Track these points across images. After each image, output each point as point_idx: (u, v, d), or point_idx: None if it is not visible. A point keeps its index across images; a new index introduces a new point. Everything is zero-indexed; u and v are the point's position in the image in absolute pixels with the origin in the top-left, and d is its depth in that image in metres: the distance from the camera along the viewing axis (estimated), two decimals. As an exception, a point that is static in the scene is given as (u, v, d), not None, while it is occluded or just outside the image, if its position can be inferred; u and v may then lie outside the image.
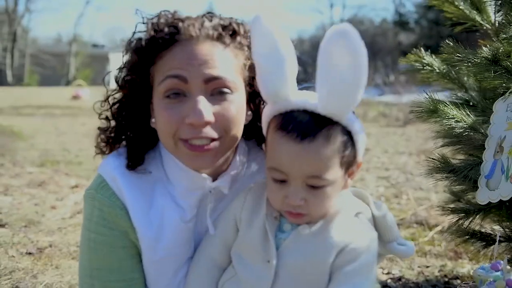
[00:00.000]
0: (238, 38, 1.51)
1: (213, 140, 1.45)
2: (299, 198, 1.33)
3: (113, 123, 1.61)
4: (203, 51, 1.43)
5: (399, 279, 3.55)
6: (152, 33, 1.47)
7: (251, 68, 1.54)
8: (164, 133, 1.48)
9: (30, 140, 10.54)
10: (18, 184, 6.39)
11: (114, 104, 1.60)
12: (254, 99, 1.60)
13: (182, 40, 1.44)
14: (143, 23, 1.52)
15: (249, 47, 1.53)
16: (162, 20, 1.48)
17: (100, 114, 1.62)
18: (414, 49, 2.60)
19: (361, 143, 1.40)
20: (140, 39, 1.50)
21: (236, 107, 1.47)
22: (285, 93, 1.34)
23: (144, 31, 1.50)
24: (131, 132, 1.60)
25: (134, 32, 1.52)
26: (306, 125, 1.30)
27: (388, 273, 3.65)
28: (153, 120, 1.55)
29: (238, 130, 1.51)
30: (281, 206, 1.38)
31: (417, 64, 2.53)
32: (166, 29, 1.45)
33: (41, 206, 5.37)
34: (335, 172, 1.33)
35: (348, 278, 1.36)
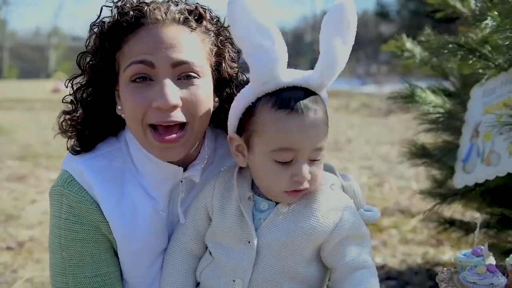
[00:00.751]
0: (204, 23, 1.49)
1: (181, 128, 1.43)
2: (307, 173, 1.35)
3: (77, 107, 1.57)
4: (170, 35, 1.41)
5: (382, 267, 3.58)
6: (117, 16, 1.44)
7: (218, 54, 1.53)
8: (131, 119, 1.45)
9: (10, 134, 10.38)
10: (-2, 178, 6.30)
11: (78, 89, 1.56)
12: (221, 86, 1.59)
13: (147, 24, 1.41)
14: (108, 6, 1.48)
15: (215, 33, 1.53)
16: (127, 4, 1.45)
17: (63, 98, 1.58)
18: (396, 35, 2.60)
19: None
20: (104, 22, 1.47)
21: (204, 92, 1.45)
22: (277, 71, 1.33)
23: (110, 16, 1.47)
24: (93, 117, 1.55)
25: (99, 16, 1.49)
26: (306, 100, 1.33)
27: (370, 261, 3.67)
28: (119, 107, 1.52)
29: (206, 115, 1.48)
30: (287, 187, 1.36)
31: (398, 51, 2.54)
32: (131, 13, 1.41)
33: (21, 200, 5.30)
34: (326, 144, 1.39)
35: (349, 250, 1.40)
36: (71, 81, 1.57)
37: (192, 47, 1.44)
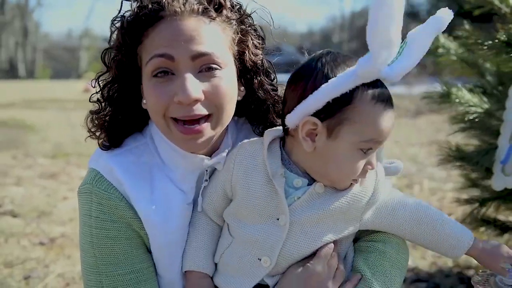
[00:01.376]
0: (225, 12, 1.46)
1: (205, 118, 1.42)
2: (375, 165, 1.42)
3: (104, 105, 1.56)
4: (189, 27, 1.38)
5: (412, 269, 3.52)
6: (137, 10, 1.42)
7: (240, 43, 1.50)
8: (154, 113, 1.44)
9: (42, 133, 10.62)
10: (30, 175, 6.44)
11: (104, 86, 1.55)
12: (245, 75, 1.55)
13: (166, 16, 1.39)
14: (128, 0, 1.46)
15: (237, 21, 1.49)
16: None
17: (90, 97, 1.57)
18: None
19: None
20: (124, 17, 1.45)
21: (226, 83, 1.43)
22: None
23: (130, 10, 1.45)
24: (121, 115, 1.54)
25: (119, 11, 1.47)
26: (389, 95, 1.38)
27: (400, 263, 3.62)
28: (144, 101, 1.51)
29: (230, 106, 1.47)
30: (359, 175, 1.40)
31: (432, 47, 2.48)
32: (150, 6, 1.40)
33: (53, 197, 5.40)
34: None
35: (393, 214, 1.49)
36: (97, 80, 1.56)
37: (213, 37, 1.41)
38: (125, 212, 1.48)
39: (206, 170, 1.55)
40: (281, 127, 1.49)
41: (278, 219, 1.40)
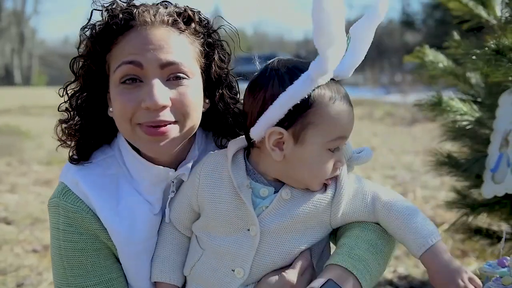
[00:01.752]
0: (193, 25, 1.51)
1: (171, 124, 1.45)
2: (344, 162, 1.46)
3: (73, 114, 1.58)
4: (158, 36, 1.43)
5: (405, 277, 3.53)
6: (107, 19, 1.46)
7: (207, 56, 1.55)
8: (121, 119, 1.46)
9: (37, 139, 10.60)
10: (25, 182, 6.43)
11: (72, 95, 1.58)
12: (211, 88, 1.59)
13: (137, 26, 1.43)
14: (99, 10, 1.50)
15: (204, 35, 1.55)
16: (117, 7, 1.48)
17: (59, 106, 1.59)
18: (419, 47, 2.59)
19: None
20: (94, 25, 1.49)
21: (193, 92, 1.47)
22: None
23: (100, 20, 1.49)
24: (88, 123, 1.57)
25: (89, 19, 1.51)
26: (345, 92, 1.42)
27: (394, 271, 3.63)
28: (110, 109, 1.53)
29: (195, 115, 1.50)
30: (331, 174, 1.42)
31: (421, 61, 2.52)
32: (120, 15, 1.44)
33: (47, 204, 5.37)
34: None
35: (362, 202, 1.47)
36: (65, 89, 1.58)
37: (181, 48, 1.46)
38: (92, 224, 1.51)
39: (172, 182, 1.57)
40: (243, 137, 1.51)
41: (248, 230, 1.41)
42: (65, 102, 1.59)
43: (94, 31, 1.48)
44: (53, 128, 1.60)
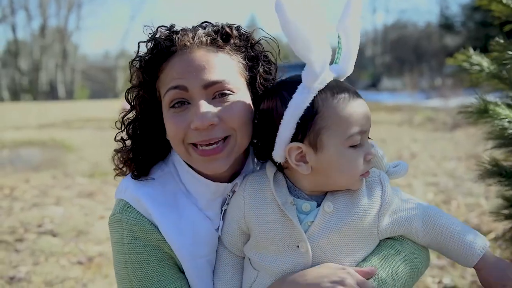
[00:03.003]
0: (232, 40, 1.55)
1: (223, 140, 1.48)
2: (371, 148, 1.45)
3: (128, 143, 1.65)
4: (199, 58, 1.47)
5: (452, 288, 3.42)
6: (151, 49, 1.53)
7: (251, 69, 1.58)
8: (174, 141, 1.52)
9: (80, 152, 10.89)
10: (69, 195, 6.60)
11: (129, 124, 1.64)
12: (259, 100, 1.58)
13: (178, 51, 1.50)
14: (144, 42, 1.57)
15: (246, 49, 1.58)
16: (160, 36, 1.54)
17: (115, 137, 1.66)
18: (462, 49, 2.52)
19: None
20: (141, 57, 1.56)
21: (240, 106, 1.50)
22: (327, 66, 1.39)
23: (146, 52, 1.56)
24: (147, 148, 1.62)
25: (137, 52, 1.58)
26: (350, 85, 1.44)
27: (439, 282, 3.53)
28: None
29: (246, 128, 1.52)
30: (363, 169, 1.42)
31: (465, 64, 2.44)
32: (162, 43, 1.51)
33: (91, 216, 5.51)
34: None
35: (405, 220, 1.49)
36: (123, 120, 1.65)
37: (222, 65, 1.50)
38: (155, 235, 1.54)
39: (229, 195, 1.60)
40: None
41: (298, 246, 1.42)
42: (121, 131, 1.65)
43: (142, 62, 1.56)
44: (94, 141, 1.66)
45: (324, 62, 1.34)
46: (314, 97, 1.36)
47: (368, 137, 1.45)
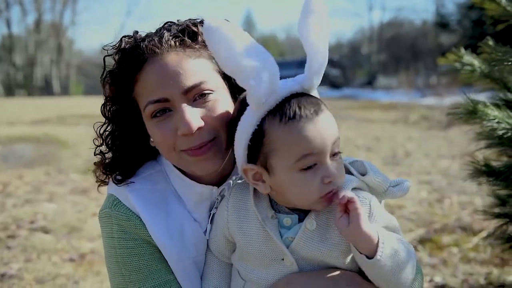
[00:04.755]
0: (199, 38, 1.52)
1: (211, 142, 1.47)
2: (335, 169, 1.32)
3: (108, 155, 1.63)
4: (172, 64, 1.45)
5: (442, 287, 3.44)
6: (120, 61, 1.51)
7: None
8: (164, 150, 1.51)
9: (74, 148, 10.86)
10: (62, 191, 6.58)
11: (107, 137, 1.62)
12: (237, 91, 1.56)
13: (149, 59, 1.47)
14: (109, 55, 1.55)
15: None
16: (126, 46, 1.51)
17: (94, 151, 1.64)
18: (454, 48, 2.52)
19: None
20: (111, 71, 1.54)
21: (222, 104, 1.49)
22: (274, 86, 1.30)
23: (114, 64, 1.54)
24: (131, 155, 1.61)
25: (104, 67, 1.56)
26: (308, 103, 1.31)
27: (430, 281, 3.54)
28: (151, 139, 1.57)
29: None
30: (321, 191, 1.31)
31: (456, 64, 2.45)
32: (130, 54, 1.48)
33: (84, 212, 5.50)
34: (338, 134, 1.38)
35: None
36: (99, 132, 1.63)
37: (196, 66, 1.48)
38: (144, 231, 1.55)
39: (217, 199, 1.59)
40: None
41: (283, 259, 1.40)
42: (100, 145, 1.63)
43: (113, 75, 1.53)
44: (89, 137, 1.64)
45: (268, 83, 1.28)
46: (263, 118, 1.31)
47: (336, 155, 1.34)
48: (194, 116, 1.43)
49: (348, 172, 1.45)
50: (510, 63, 1.90)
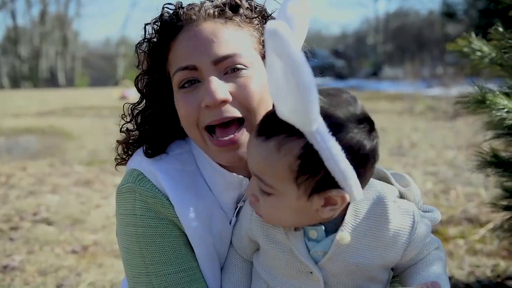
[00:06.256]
0: (241, 11, 1.43)
1: (237, 125, 1.37)
2: (251, 193, 1.25)
3: (135, 133, 1.56)
4: (207, 31, 1.36)
5: (448, 279, 3.39)
6: (157, 28, 1.44)
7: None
8: (187, 125, 1.41)
9: (79, 140, 10.85)
10: (66, 183, 6.56)
11: (137, 114, 1.55)
12: None
13: (184, 26, 1.39)
14: (149, 24, 1.48)
15: (259, 20, 1.46)
16: (164, 14, 1.45)
17: (121, 128, 1.57)
18: (464, 33, 2.43)
19: (336, 171, 1.11)
20: (147, 39, 1.47)
21: (255, 82, 1.37)
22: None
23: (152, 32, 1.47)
24: (158, 134, 1.52)
25: (144, 36, 1.49)
26: (269, 122, 1.18)
27: (436, 273, 3.49)
28: None
29: (263, 108, 1.37)
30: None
31: (466, 50, 2.36)
32: (167, 21, 1.41)
33: (87, 204, 5.48)
34: (285, 187, 1.18)
35: (427, 264, 1.33)
36: (130, 109, 1.56)
37: (233, 38, 1.38)
38: (171, 211, 1.42)
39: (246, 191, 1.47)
40: None
41: (311, 273, 1.28)
42: (128, 122, 1.56)
43: (149, 45, 1.46)
44: (94, 129, 1.61)
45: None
46: None
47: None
48: (220, 88, 1.33)
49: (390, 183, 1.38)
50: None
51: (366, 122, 1.18)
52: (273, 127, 1.16)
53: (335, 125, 1.11)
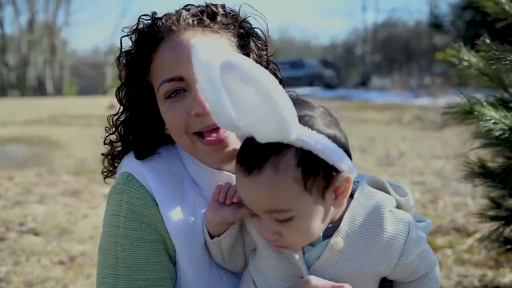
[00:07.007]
0: (219, 18, 1.49)
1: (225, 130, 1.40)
2: (271, 232, 1.22)
3: (118, 145, 1.60)
4: (188, 42, 1.39)
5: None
6: (136, 40, 1.48)
7: (244, 46, 1.52)
8: (177, 133, 1.46)
9: (67, 149, 10.75)
10: (53, 192, 6.50)
11: (119, 125, 1.58)
12: None
13: (165, 37, 1.44)
14: (126, 35, 1.52)
15: (234, 25, 1.52)
16: (142, 26, 1.49)
17: (104, 140, 1.60)
18: (453, 43, 2.47)
19: (332, 157, 1.15)
20: (127, 51, 1.51)
21: None
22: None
23: (131, 45, 1.51)
24: (143, 144, 1.55)
25: (121, 49, 1.53)
26: (252, 155, 1.16)
27: (425, 283, 3.50)
28: (166, 127, 1.53)
29: None
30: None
31: (454, 60, 2.39)
32: (147, 32, 1.45)
33: (74, 214, 5.43)
34: (300, 201, 1.18)
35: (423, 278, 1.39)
36: (112, 120, 1.59)
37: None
38: (154, 212, 1.46)
39: None
40: None
41: (302, 277, 1.29)
42: (111, 133, 1.60)
43: (128, 56, 1.50)
44: (81, 138, 1.62)
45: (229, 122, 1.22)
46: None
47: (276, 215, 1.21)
48: None
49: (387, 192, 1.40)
50: (507, 62, 1.86)
51: (327, 112, 1.26)
52: (258, 156, 1.15)
53: (308, 121, 1.17)
